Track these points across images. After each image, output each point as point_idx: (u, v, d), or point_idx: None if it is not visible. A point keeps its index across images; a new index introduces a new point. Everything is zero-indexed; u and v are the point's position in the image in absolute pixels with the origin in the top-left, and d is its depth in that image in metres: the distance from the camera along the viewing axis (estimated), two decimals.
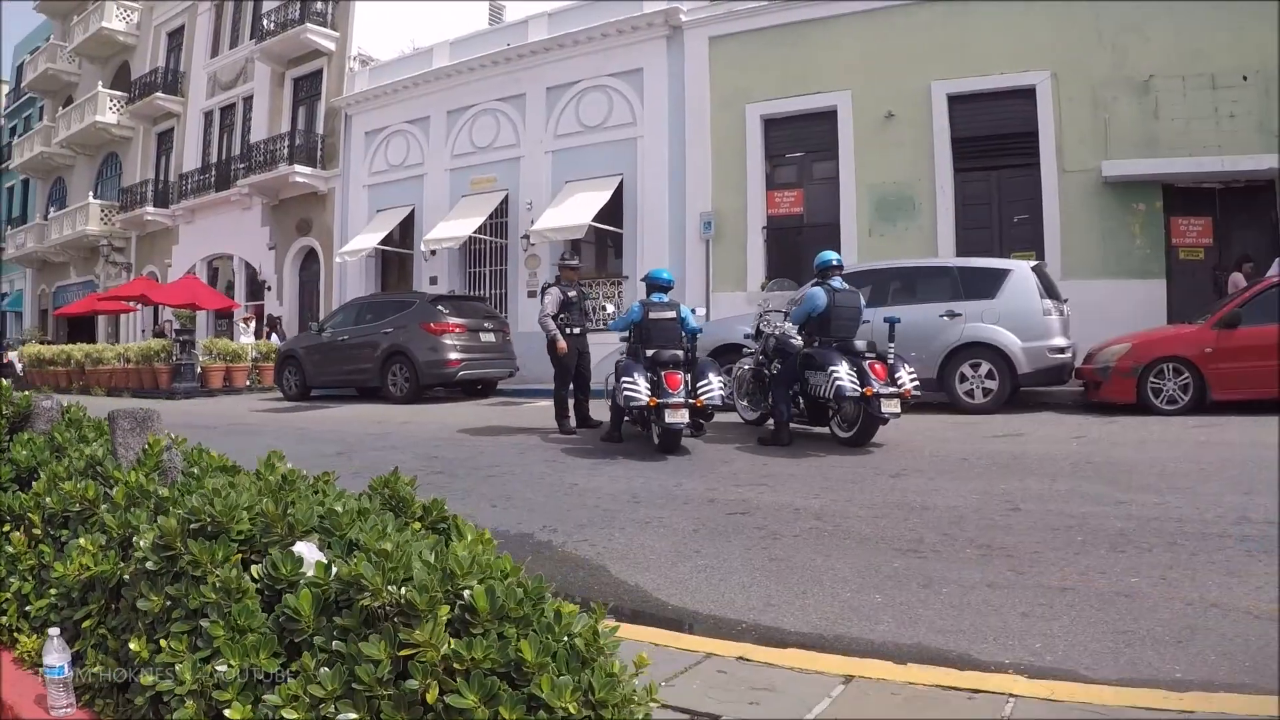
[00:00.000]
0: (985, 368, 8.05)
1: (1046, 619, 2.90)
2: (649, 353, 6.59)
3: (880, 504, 4.60)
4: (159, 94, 23.25)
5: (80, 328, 25.50)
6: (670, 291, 7.20)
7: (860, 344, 6.32)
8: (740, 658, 2.51)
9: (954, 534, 3.96)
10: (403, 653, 1.25)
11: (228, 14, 22.56)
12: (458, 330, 11.99)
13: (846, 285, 6.74)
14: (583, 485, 5.53)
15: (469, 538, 1.65)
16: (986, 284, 8.20)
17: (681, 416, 6.15)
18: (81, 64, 27.26)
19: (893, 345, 6.48)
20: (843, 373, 5.90)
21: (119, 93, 25.00)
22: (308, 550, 1.59)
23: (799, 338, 6.60)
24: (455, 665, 1.22)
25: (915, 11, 12.01)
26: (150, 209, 23.21)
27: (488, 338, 12.47)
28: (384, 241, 17.23)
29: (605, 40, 14.77)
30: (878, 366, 6.07)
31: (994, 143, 11.60)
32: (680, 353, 6.57)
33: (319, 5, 19.12)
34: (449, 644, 1.24)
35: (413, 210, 17.35)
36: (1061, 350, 8.02)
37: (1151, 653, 2.57)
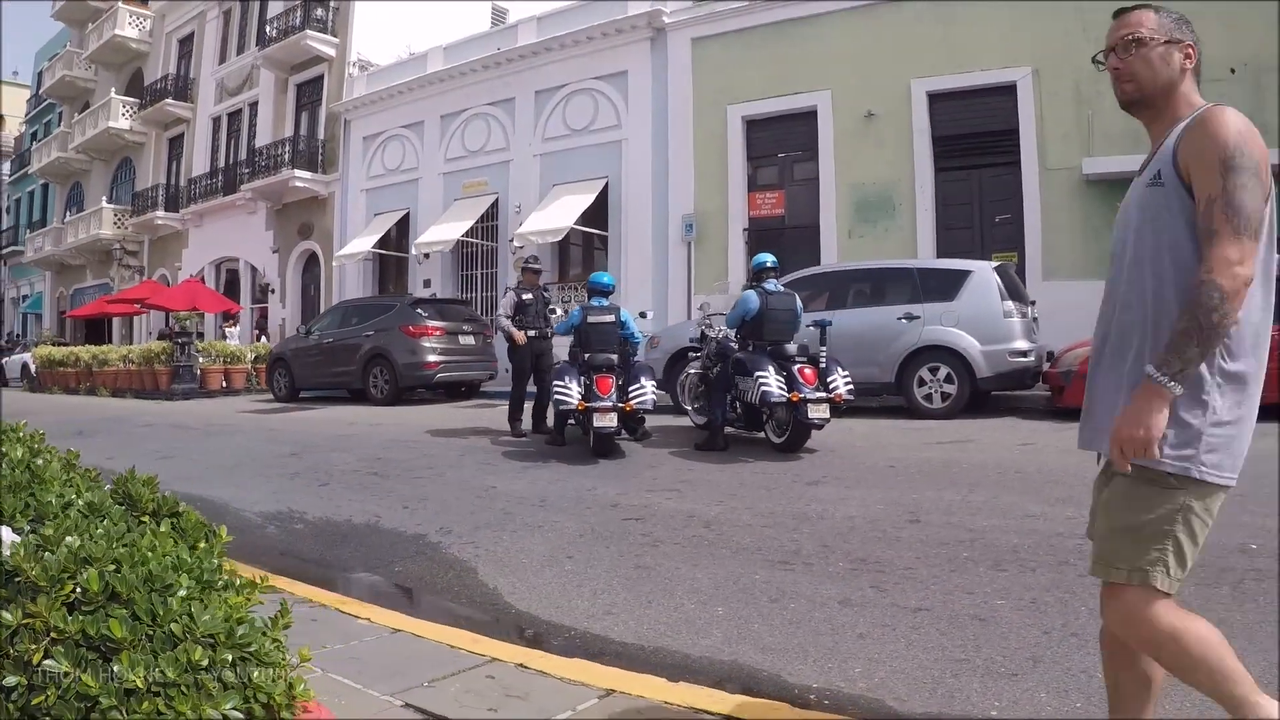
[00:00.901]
0: (944, 371, 7.84)
1: (882, 642, 2.77)
2: (585, 356, 6.55)
3: (778, 513, 4.49)
4: (169, 100, 23.72)
5: (95, 329, 26.05)
6: (612, 295, 7.14)
7: (792, 348, 6.19)
8: (520, 665, 2.46)
9: (834, 546, 3.85)
10: (24, 621, 1.45)
11: (235, 21, 22.93)
12: (437, 333, 12.02)
13: (781, 288, 6.62)
14: (501, 488, 5.49)
15: (163, 529, 1.89)
16: (946, 286, 8.00)
17: (610, 420, 6.09)
18: (97, 71, 27.80)
19: (824, 348, 6.34)
20: (770, 378, 5.78)
21: (132, 99, 25.51)
22: (6, 533, 1.84)
23: (735, 341, 6.50)
24: (55, 635, 1.42)
25: (895, 10, 11.80)
26: (161, 213, 23.67)
27: (467, 340, 12.49)
28: (381, 245, 17.38)
29: (591, 43, 14.76)
30: (807, 371, 5.94)
31: (975, 141, 11.36)
32: (613, 357, 6.50)
33: (319, 12, 19.35)
34: (56, 617, 1.45)
35: (408, 213, 17.48)
36: (1024, 354, 7.79)
37: (977, 684, 2.42)
